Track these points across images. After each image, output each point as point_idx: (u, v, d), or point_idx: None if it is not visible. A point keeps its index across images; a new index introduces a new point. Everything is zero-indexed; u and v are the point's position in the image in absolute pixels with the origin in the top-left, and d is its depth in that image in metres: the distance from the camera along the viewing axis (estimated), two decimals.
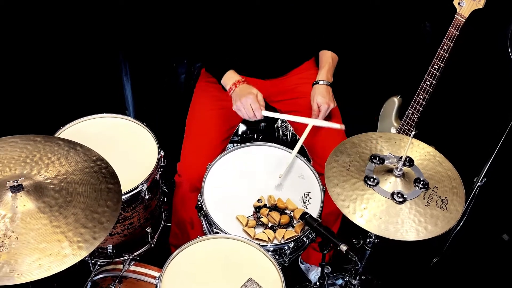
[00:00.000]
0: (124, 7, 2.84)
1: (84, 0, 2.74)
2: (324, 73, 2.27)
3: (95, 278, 2.02)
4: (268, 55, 2.35)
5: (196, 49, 2.37)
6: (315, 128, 2.23)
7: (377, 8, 2.96)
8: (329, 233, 1.77)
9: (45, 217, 1.48)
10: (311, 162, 2.33)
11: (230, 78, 2.22)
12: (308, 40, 2.41)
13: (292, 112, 2.40)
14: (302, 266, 2.70)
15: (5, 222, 1.44)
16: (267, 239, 1.91)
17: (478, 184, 2.42)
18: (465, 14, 2.17)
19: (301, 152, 2.20)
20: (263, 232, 1.94)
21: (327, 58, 2.32)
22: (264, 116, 2.17)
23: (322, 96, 2.20)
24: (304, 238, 1.97)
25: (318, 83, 2.26)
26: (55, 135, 2.17)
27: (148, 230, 2.26)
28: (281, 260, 1.94)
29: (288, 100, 2.45)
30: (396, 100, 2.79)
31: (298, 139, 2.18)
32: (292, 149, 2.21)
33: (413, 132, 2.07)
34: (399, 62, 2.90)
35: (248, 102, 2.12)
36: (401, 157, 1.71)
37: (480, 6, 2.12)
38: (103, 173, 1.67)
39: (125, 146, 2.21)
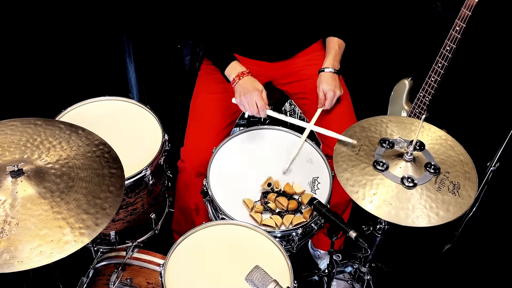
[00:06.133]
0: None
1: None
2: (330, 60, 2.25)
3: (97, 265, 2.01)
4: (275, 37, 2.32)
5: (200, 37, 2.34)
6: (324, 111, 2.21)
7: None
8: (337, 219, 1.74)
9: (46, 202, 1.47)
10: (321, 146, 2.31)
11: (234, 68, 2.18)
12: (315, 22, 2.38)
13: (299, 94, 2.42)
14: (312, 252, 2.68)
15: (5, 208, 1.43)
16: (274, 225, 1.89)
17: (491, 168, 2.40)
18: None
19: (310, 135, 2.18)
20: (270, 217, 1.92)
21: (334, 45, 2.29)
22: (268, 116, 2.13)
23: (327, 84, 2.19)
24: (313, 224, 1.94)
25: (323, 71, 2.24)
26: (56, 119, 2.15)
27: (152, 216, 2.24)
28: (289, 246, 1.92)
29: (295, 82, 2.43)
30: (406, 83, 2.77)
31: (306, 121, 2.15)
32: (300, 132, 2.18)
33: (424, 116, 2.06)
34: (410, 44, 2.87)
35: (253, 98, 2.08)
36: (411, 141, 1.69)
37: None
38: (106, 158, 1.66)
39: (129, 130, 2.19)
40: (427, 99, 2.49)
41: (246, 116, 2.30)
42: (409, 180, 1.64)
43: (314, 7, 2.31)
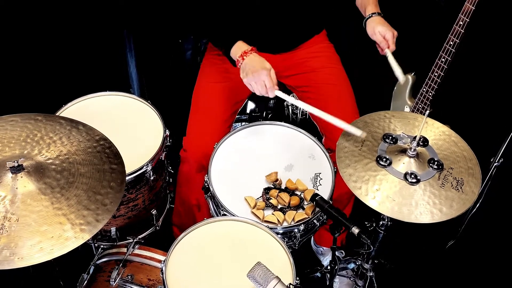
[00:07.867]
0: None
1: None
2: (372, 7, 2.21)
3: (98, 262, 2.01)
4: (278, 27, 2.31)
5: (202, 22, 2.31)
6: (326, 104, 2.18)
7: None
8: (340, 216, 1.74)
9: (46, 198, 1.46)
10: (323, 139, 2.30)
11: (238, 48, 2.12)
12: (318, 13, 2.38)
13: (303, 87, 2.39)
14: (315, 249, 2.67)
15: (5, 204, 1.42)
16: (276, 222, 1.88)
17: (495, 164, 2.39)
18: None
19: (312, 130, 2.16)
20: (273, 214, 1.91)
21: None
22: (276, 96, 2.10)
23: (382, 25, 2.14)
24: (315, 221, 1.94)
25: (371, 17, 2.19)
26: (57, 114, 2.15)
27: (153, 212, 2.24)
28: (291, 243, 1.91)
29: (298, 75, 2.42)
30: (410, 78, 2.74)
31: (309, 117, 2.13)
32: (303, 128, 2.17)
33: (427, 111, 2.04)
34: (413, 39, 2.84)
35: (261, 78, 2.03)
36: (415, 137, 1.68)
37: None
38: (107, 153, 1.65)
39: (129, 125, 2.18)
40: (430, 94, 2.48)
41: (248, 110, 2.29)
42: (412, 176, 1.62)
43: None
